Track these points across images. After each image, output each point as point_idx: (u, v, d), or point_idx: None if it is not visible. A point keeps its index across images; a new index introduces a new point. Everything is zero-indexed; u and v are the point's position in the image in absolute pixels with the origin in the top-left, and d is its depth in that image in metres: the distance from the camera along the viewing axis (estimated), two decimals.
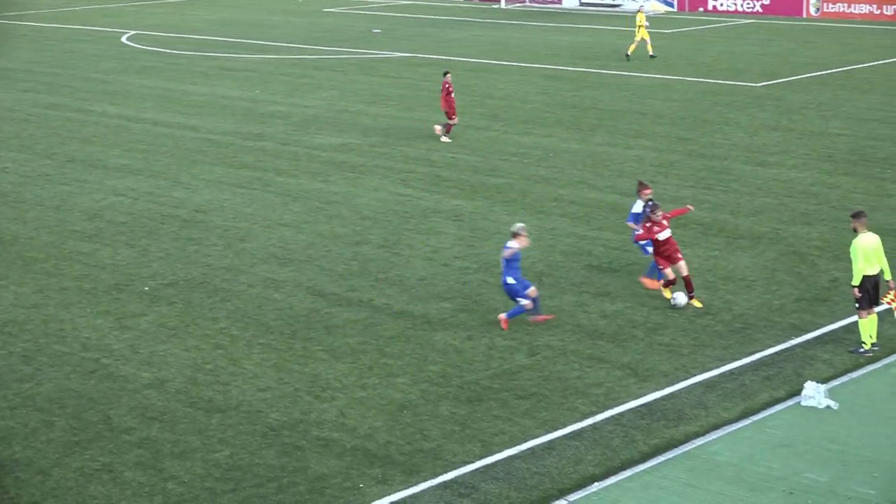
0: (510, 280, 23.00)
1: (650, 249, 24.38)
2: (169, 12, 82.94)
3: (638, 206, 25.03)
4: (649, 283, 25.08)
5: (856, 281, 21.32)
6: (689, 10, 75.02)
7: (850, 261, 21.74)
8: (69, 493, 17.61)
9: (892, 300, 21.72)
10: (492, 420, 19.44)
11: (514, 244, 22.90)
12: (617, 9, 77.93)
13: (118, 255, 28.61)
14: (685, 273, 23.97)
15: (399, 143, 39.75)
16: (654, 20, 71.61)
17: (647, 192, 25.02)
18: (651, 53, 55.63)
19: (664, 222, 23.90)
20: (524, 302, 22.97)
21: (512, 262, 22.92)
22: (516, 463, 18.05)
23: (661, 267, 24.05)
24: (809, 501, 16.56)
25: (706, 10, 74.87)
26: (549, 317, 23.45)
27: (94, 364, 22.15)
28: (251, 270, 27.16)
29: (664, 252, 23.95)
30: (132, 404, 20.42)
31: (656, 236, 23.88)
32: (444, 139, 39.43)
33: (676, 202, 31.35)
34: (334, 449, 18.65)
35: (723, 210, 30.69)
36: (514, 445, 18.55)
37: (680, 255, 24.06)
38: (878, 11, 69.35)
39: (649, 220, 23.98)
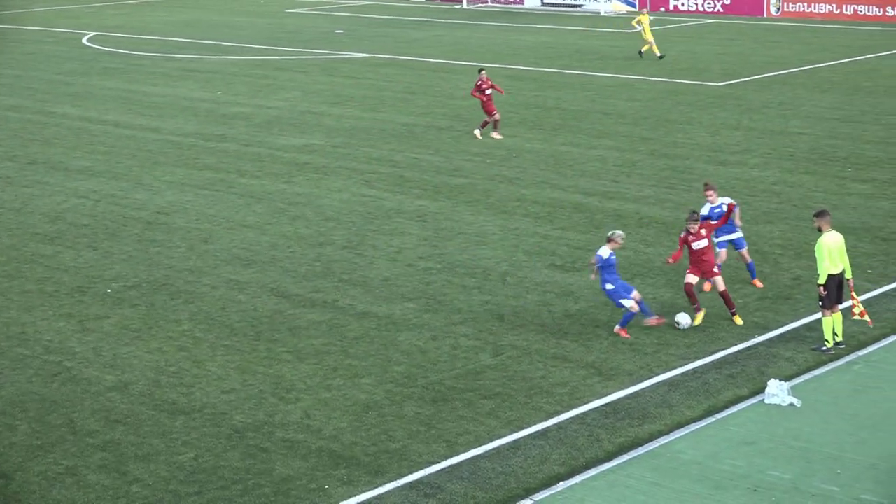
0: (609, 286, 22.54)
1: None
2: (130, 13, 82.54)
3: (705, 209, 24.50)
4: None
5: (821, 279, 21.40)
6: (651, 10, 75.18)
7: (812, 259, 21.86)
8: (32, 497, 17.50)
9: (863, 313, 21.71)
10: (457, 420, 19.45)
11: (604, 249, 22.46)
12: (579, 9, 78.09)
13: (80, 257, 28.46)
14: (722, 288, 23.18)
15: (362, 143, 39.70)
16: (615, 20, 71.94)
17: (707, 192, 24.54)
18: (641, 51, 56.22)
19: (701, 232, 23.09)
20: (628, 304, 22.46)
21: (607, 267, 22.45)
22: (481, 463, 18.06)
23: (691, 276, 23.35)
24: (773, 498, 16.65)
25: (668, 10, 75.15)
26: (661, 320, 22.95)
27: (57, 367, 22.02)
28: (214, 272, 27.06)
29: (699, 263, 23.10)
30: (95, 407, 20.31)
31: (691, 245, 23.08)
32: (495, 135, 39.81)
33: (639, 201, 31.55)
34: (299, 450, 18.61)
35: (685, 209, 30.72)
36: (480, 445, 18.56)
37: (717, 271, 23.25)
38: (838, 11, 69.80)
39: (686, 228, 23.40)
